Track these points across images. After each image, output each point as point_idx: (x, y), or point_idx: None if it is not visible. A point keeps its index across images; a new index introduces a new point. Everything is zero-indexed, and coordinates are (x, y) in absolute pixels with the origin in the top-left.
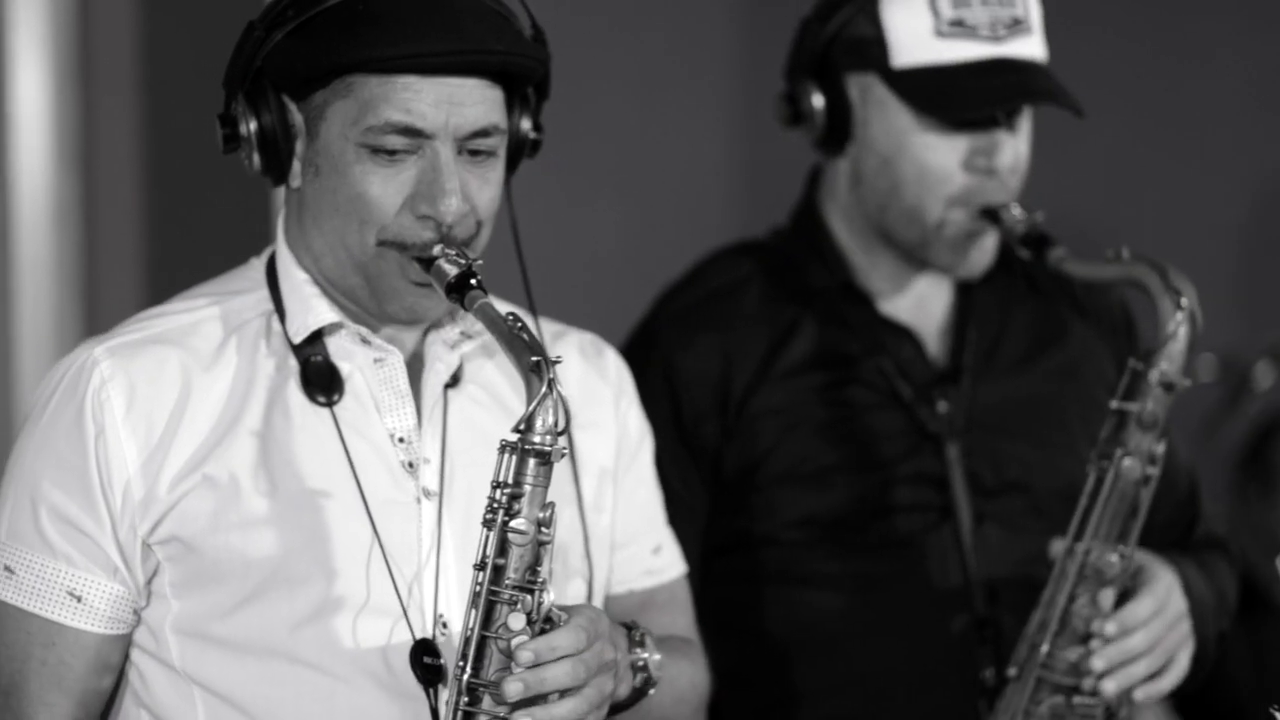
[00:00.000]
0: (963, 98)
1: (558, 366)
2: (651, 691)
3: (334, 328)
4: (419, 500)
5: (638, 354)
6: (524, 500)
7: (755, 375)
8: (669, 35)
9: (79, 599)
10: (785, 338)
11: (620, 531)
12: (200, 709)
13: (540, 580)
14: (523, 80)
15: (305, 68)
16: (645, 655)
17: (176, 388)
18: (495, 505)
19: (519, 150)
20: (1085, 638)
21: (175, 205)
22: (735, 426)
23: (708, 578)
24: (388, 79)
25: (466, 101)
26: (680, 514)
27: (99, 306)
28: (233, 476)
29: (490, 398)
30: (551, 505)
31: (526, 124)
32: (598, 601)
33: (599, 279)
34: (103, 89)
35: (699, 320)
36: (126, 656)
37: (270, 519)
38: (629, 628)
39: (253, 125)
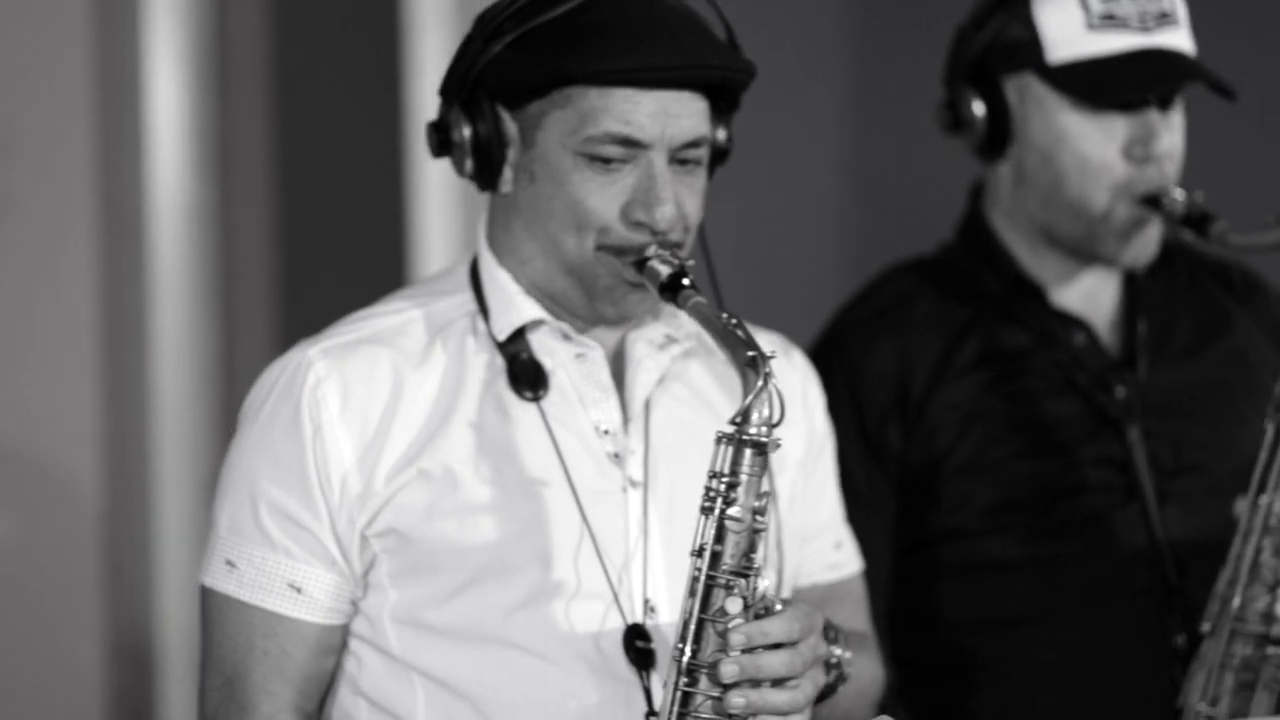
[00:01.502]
0: (1119, 83)
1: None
2: (841, 688)
3: (535, 325)
4: (625, 490)
5: (819, 363)
6: (740, 489)
7: (932, 375)
8: (781, 38)
9: (299, 590)
10: (959, 337)
11: (807, 526)
12: (419, 694)
13: (756, 566)
14: (731, 92)
15: (524, 78)
16: (839, 652)
17: (389, 386)
18: (713, 494)
19: (716, 159)
20: (1274, 586)
21: (307, 207)
22: (916, 426)
23: (895, 576)
24: (607, 91)
25: (681, 113)
26: (869, 515)
27: (234, 307)
28: (447, 469)
29: (692, 395)
30: (767, 494)
31: (722, 134)
32: (785, 593)
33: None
34: (237, 94)
35: (876, 328)
36: (344, 645)
37: (484, 510)
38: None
39: (467, 132)
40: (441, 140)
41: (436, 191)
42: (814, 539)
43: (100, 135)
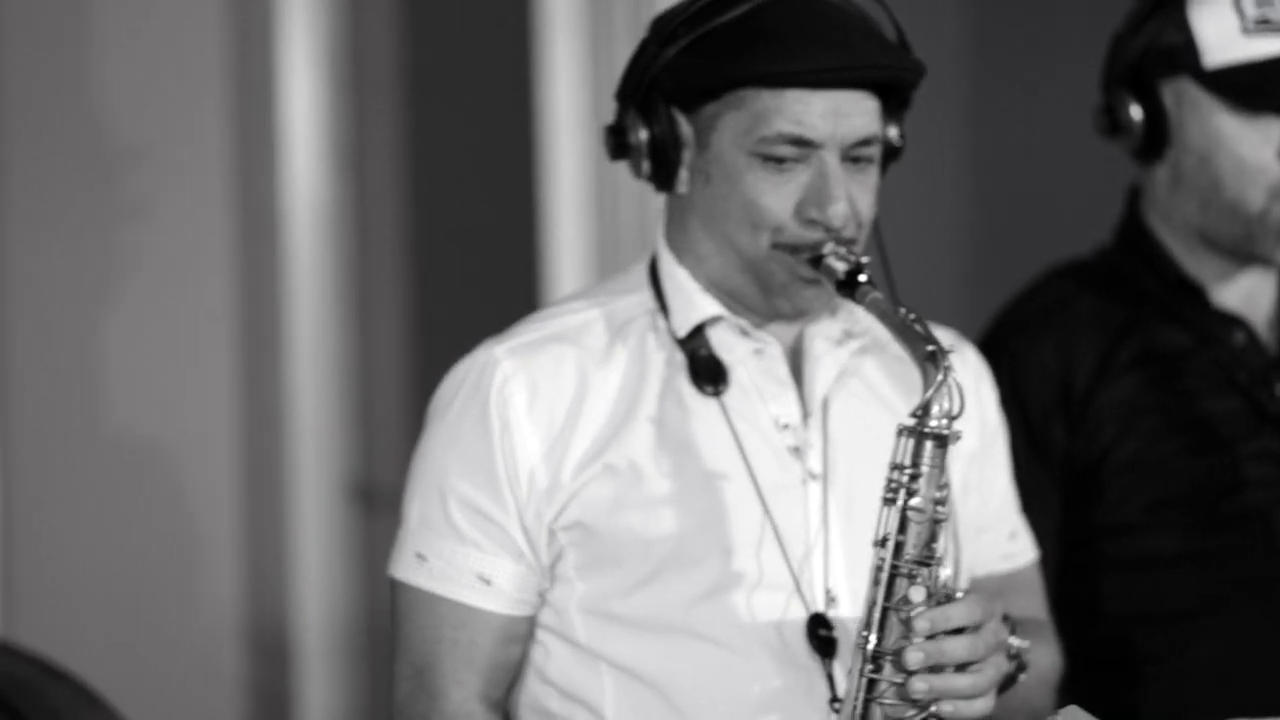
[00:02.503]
0: (1274, 88)
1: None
2: (1022, 677)
3: (714, 322)
4: (805, 482)
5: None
6: (921, 480)
7: (1095, 374)
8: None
9: (487, 582)
10: (1120, 337)
11: (982, 516)
12: (607, 682)
13: (937, 555)
14: (901, 91)
15: (699, 82)
16: (1016, 642)
17: (573, 383)
18: (895, 485)
19: (888, 157)
20: None
21: (440, 208)
22: (1079, 424)
23: (1058, 573)
24: (780, 92)
25: (852, 113)
26: (1033, 512)
27: (368, 308)
28: (632, 464)
29: (868, 392)
30: (947, 485)
31: (894, 132)
32: (963, 583)
33: None
34: (371, 97)
35: (1039, 328)
36: (531, 636)
37: (669, 503)
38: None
39: (643, 135)
40: (619, 143)
41: (568, 192)
42: (988, 530)
43: (236, 139)
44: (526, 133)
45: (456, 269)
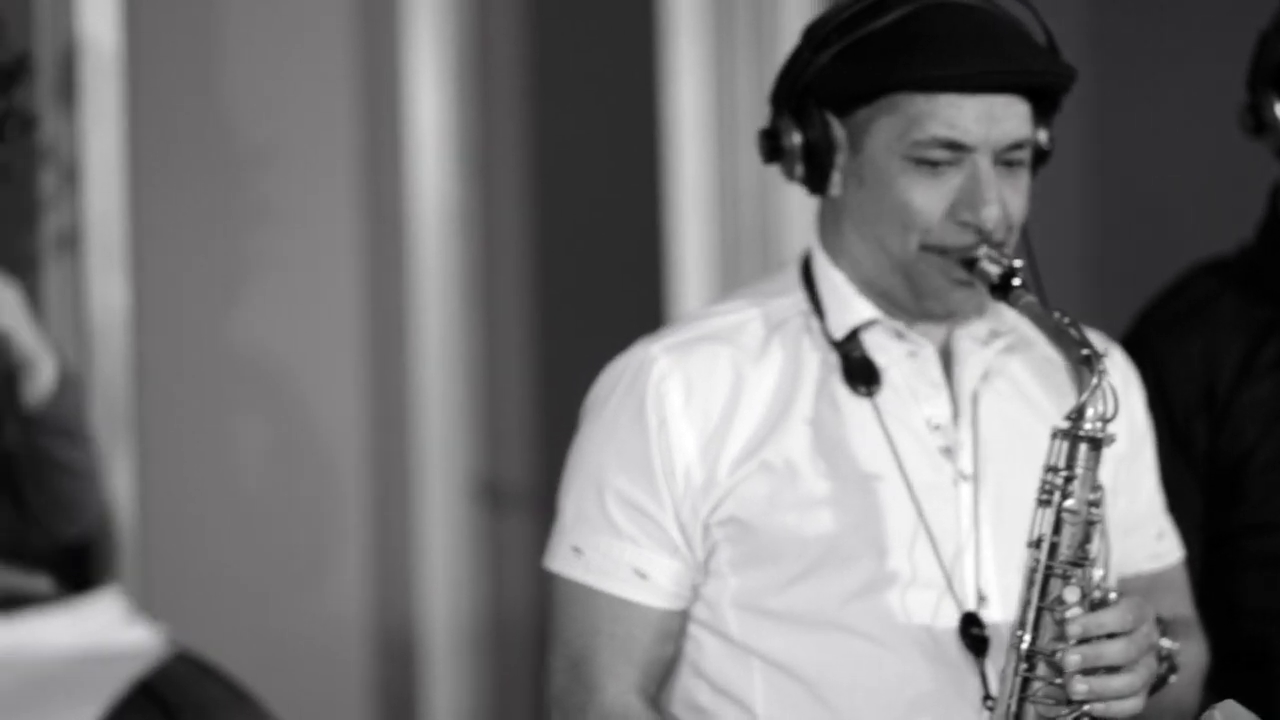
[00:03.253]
0: None
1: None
2: (1173, 679)
3: (868, 324)
4: (956, 483)
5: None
6: (1076, 483)
7: (1238, 372)
8: None
9: (643, 576)
10: (1263, 336)
11: (1130, 517)
12: (757, 677)
13: (1091, 557)
14: (1051, 95)
15: (853, 86)
16: (1168, 644)
17: (729, 381)
18: (1049, 487)
19: (1037, 161)
20: None
21: (565, 210)
22: (1222, 422)
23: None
24: (933, 96)
25: (1004, 116)
26: (1176, 510)
27: (494, 307)
28: (788, 461)
29: (1015, 391)
30: (1101, 488)
31: (1043, 136)
32: (1111, 582)
33: None
34: (497, 99)
35: (1182, 327)
36: (683, 629)
37: (825, 500)
38: None
39: (797, 139)
40: (772, 147)
41: (691, 194)
42: (1136, 530)
43: (363, 141)
44: (650, 135)
45: (581, 270)
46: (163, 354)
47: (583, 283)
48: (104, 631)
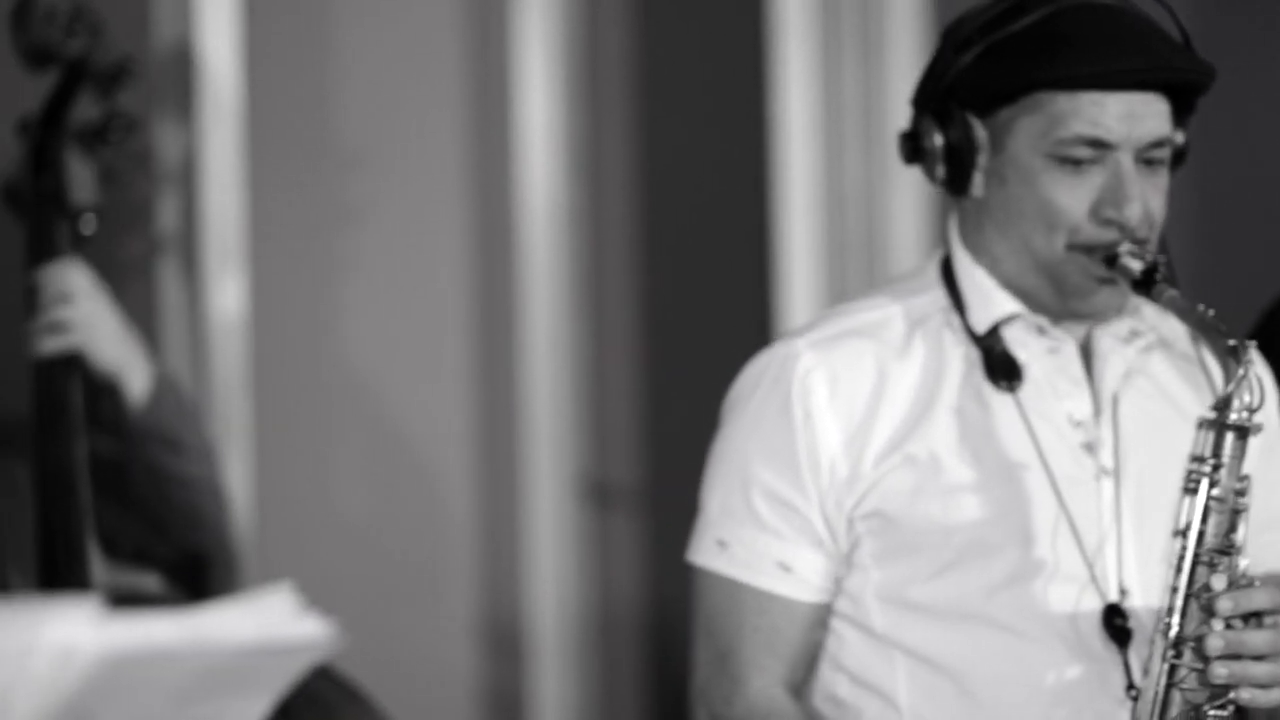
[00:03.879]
0: None
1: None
2: None
3: (1010, 320)
4: (1098, 477)
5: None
6: (1223, 471)
7: None
8: None
9: (788, 570)
10: None
11: (1266, 512)
12: (900, 669)
13: (1237, 545)
14: (1190, 95)
15: (996, 86)
16: None
17: (873, 376)
18: (1196, 476)
19: (1175, 160)
20: None
21: (672, 209)
22: None
23: None
24: (1075, 95)
25: (1146, 115)
26: None
27: (601, 306)
28: (932, 454)
29: (1156, 390)
30: (1247, 477)
31: (1180, 136)
32: None
33: None
34: (605, 99)
35: None
36: (826, 622)
37: (966, 492)
38: None
39: (938, 140)
40: (913, 148)
41: (798, 194)
42: (1270, 527)
43: (472, 142)
44: (757, 135)
45: (687, 270)
46: (274, 355)
47: (689, 283)
48: (277, 625)
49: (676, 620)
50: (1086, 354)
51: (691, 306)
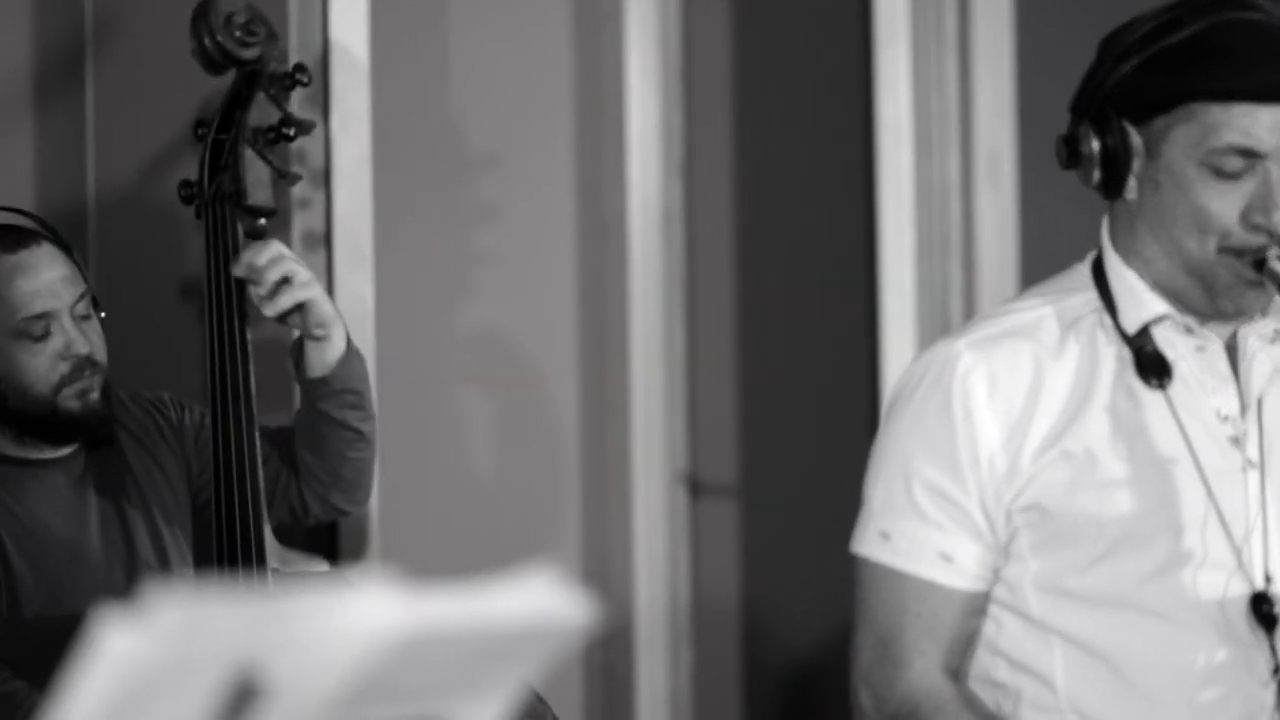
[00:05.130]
0: None
1: None
2: None
3: (1158, 320)
4: (1244, 470)
5: None
6: None
7: None
8: None
9: (949, 560)
10: None
11: None
12: (1057, 654)
13: None
14: None
15: (1153, 96)
16: None
17: (1030, 375)
18: None
19: None
20: None
21: (768, 210)
22: None
23: None
24: (1229, 106)
25: None
26: None
27: (698, 301)
28: (1087, 449)
29: None
30: None
31: None
32: None
33: None
34: (704, 107)
35: None
36: (984, 609)
37: (1120, 486)
38: None
39: (1095, 146)
40: (1071, 153)
41: (893, 196)
42: None
43: (581, 147)
44: (855, 136)
45: (783, 271)
46: (398, 345)
47: (784, 282)
48: (543, 603)
49: (766, 608)
50: (1231, 353)
51: (785, 305)
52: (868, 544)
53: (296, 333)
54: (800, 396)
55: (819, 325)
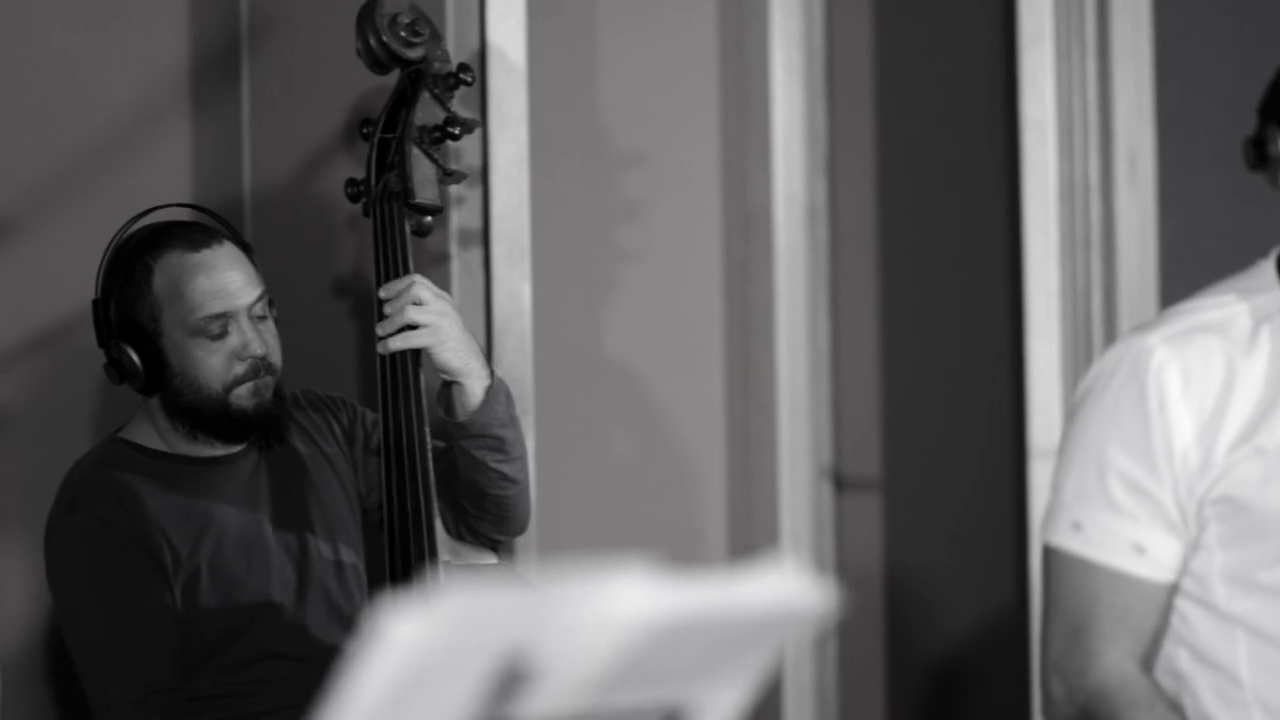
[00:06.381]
0: None
1: None
2: None
3: None
4: None
5: None
6: None
7: None
8: None
9: (1142, 551)
10: None
11: None
12: (1241, 646)
13: None
14: None
15: None
16: None
17: (1222, 370)
18: None
19: None
20: None
21: (909, 206)
22: None
23: None
24: None
25: None
26: None
27: (841, 297)
28: (1278, 445)
29: None
30: None
31: None
32: None
33: None
34: (846, 104)
35: None
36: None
37: None
38: None
39: None
40: (1259, 155)
41: (1036, 193)
42: None
43: (727, 145)
44: (997, 136)
45: (926, 266)
46: (552, 340)
47: (927, 277)
48: (786, 591)
49: (909, 601)
50: None
51: (928, 302)
52: (1059, 534)
53: None
54: (943, 391)
55: (962, 321)
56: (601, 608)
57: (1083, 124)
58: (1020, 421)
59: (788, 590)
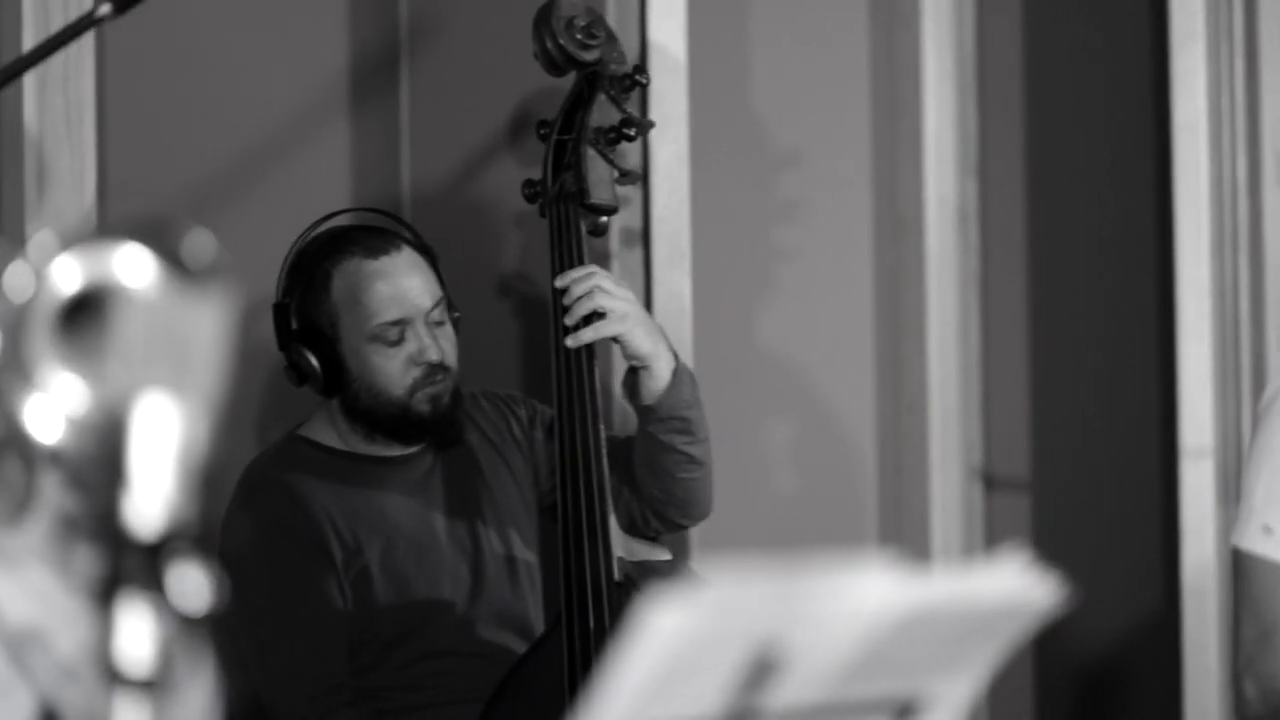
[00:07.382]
0: None
1: None
2: None
3: None
4: None
5: None
6: None
7: None
8: None
9: None
10: None
11: None
12: None
13: None
14: None
15: None
16: None
17: None
18: None
19: None
20: None
21: (1059, 207)
22: None
23: None
24: None
25: None
26: None
27: (991, 298)
28: None
29: None
30: None
31: None
32: None
33: None
34: (996, 107)
35: None
36: None
37: None
38: None
39: None
40: None
41: (1187, 194)
42: None
43: (879, 146)
44: (1148, 136)
45: (1076, 268)
46: (713, 338)
47: (1077, 278)
48: (1016, 585)
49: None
50: None
51: (1078, 304)
52: (1250, 538)
53: None
54: (1092, 391)
55: (1111, 321)
56: (852, 600)
57: (1230, 123)
58: (1170, 422)
59: (1018, 584)
